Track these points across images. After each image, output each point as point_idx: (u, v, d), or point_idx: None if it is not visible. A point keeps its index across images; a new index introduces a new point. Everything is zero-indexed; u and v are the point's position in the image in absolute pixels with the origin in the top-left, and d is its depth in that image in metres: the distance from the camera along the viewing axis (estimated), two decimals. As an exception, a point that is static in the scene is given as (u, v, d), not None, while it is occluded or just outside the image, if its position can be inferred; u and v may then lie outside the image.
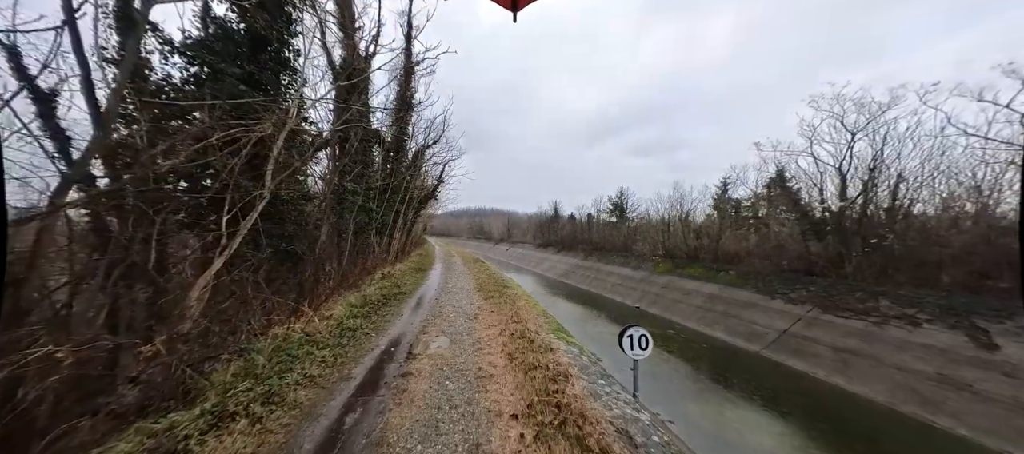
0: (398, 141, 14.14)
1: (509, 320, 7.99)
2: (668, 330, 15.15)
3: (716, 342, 13.37)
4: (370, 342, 6.51)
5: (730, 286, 16.45)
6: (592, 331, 14.54)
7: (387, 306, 9.47)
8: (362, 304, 8.78)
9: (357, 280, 10.49)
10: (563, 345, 6.75)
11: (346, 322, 7.18)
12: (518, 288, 15.06)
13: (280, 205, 6.55)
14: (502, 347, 6.29)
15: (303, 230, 7.11)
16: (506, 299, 10.82)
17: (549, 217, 55.34)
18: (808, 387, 9.29)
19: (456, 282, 14.57)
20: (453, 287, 13.31)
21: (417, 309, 9.40)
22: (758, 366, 10.94)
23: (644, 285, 21.85)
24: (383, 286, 11.50)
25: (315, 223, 7.67)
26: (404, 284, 12.82)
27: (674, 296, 18.77)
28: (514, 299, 10.99)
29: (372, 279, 11.93)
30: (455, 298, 11.14)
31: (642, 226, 30.16)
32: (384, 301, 9.83)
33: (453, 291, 12.45)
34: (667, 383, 9.63)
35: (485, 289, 12.84)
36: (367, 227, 12.11)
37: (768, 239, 16.01)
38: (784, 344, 11.48)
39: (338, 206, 9.23)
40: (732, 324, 13.96)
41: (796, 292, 13.02)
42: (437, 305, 9.88)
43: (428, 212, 38.36)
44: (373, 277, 12.38)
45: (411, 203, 16.80)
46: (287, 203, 6.71)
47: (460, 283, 14.42)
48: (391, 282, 12.37)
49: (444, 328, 7.52)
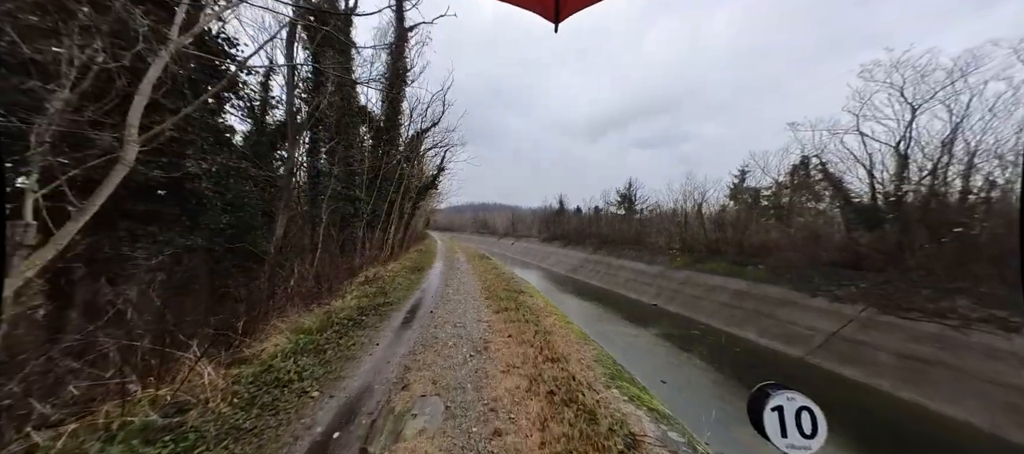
0: (391, 122, 12.63)
1: (538, 355, 5.42)
2: (692, 330, 13.68)
3: (749, 344, 11.87)
4: (302, 414, 3.71)
5: (759, 282, 14.89)
6: (609, 332, 13.11)
7: (360, 328, 6.65)
8: (321, 326, 6.23)
9: (335, 285, 8.56)
10: (645, 417, 3.93)
11: (278, 366, 4.54)
12: (537, 294, 12.25)
13: (185, 180, 4.74)
14: (536, 423, 3.55)
15: (249, 221, 5.54)
16: (525, 313, 8.16)
17: (555, 211, 53.99)
18: (875, 403, 7.77)
19: (459, 284, 12.24)
20: (455, 293, 10.81)
21: (402, 332, 6.71)
22: (805, 375, 9.43)
23: (661, 281, 20.34)
24: (364, 294, 9.09)
25: (267, 212, 6.13)
26: (393, 290, 10.27)
27: (695, 293, 17.24)
28: (537, 313, 8.39)
29: (353, 284, 9.73)
30: (457, 311, 8.43)
31: (655, 218, 28.55)
32: (360, 318, 7.21)
33: (454, 299, 9.87)
34: (705, 395, 8.18)
35: (495, 295, 10.26)
36: (353, 220, 10.61)
37: (803, 229, 14.38)
38: (833, 349, 9.94)
39: (310, 192, 7.69)
40: (766, 325, 12.44)
41: (843, 289, 11.44)
42: (431, 325, 7.23)
43: (429, 205, 37.08)
44: (357, 280, 10.33)
45: (408, 193, 15.35)
46: (195, 178, 4.85)
47: (463, 286, 12.02)
48: (377, 287, 10.06)
49: (437, 374, 4.77)
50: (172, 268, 4.33)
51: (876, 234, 11.06)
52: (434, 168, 19.24)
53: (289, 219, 6.31)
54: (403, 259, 15.95)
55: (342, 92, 8.93)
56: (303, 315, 6.53)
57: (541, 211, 61.57)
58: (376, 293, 9.48)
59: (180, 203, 4.61)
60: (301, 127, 7.01)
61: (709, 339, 12.57)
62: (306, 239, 7.21)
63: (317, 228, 7.99)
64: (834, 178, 13.67)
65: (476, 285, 12.35)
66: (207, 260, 4.85)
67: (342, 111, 8.91)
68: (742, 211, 19.05)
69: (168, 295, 4.12)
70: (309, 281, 6.83)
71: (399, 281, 11.73)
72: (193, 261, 4.67)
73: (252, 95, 7.38)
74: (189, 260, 4.60)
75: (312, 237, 7.74)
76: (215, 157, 5.09)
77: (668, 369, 9.73)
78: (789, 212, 19.24)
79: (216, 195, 5.08)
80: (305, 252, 6.98)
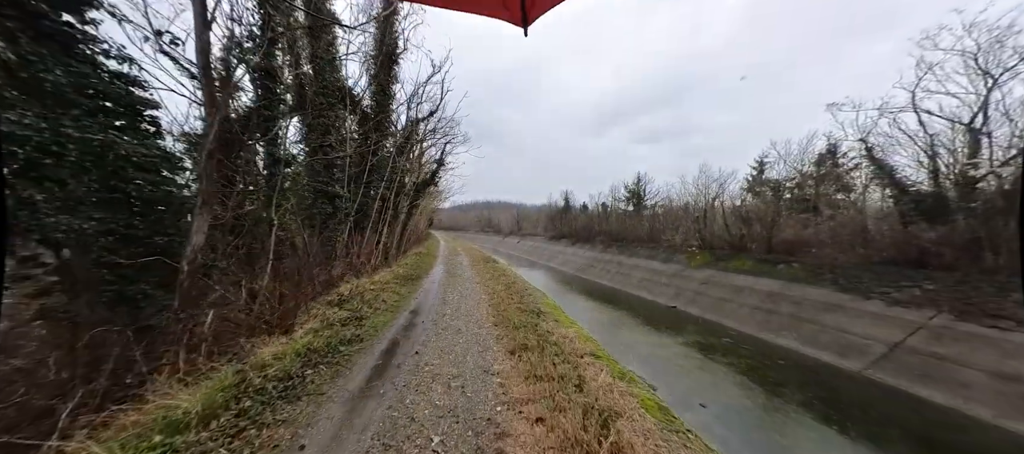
0: (381, 107, 11.18)
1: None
2: (722, 338, 12.18)
3: (791, 354, 10.36)
4: None
5: (794, 282, 13.35)
6: (629, 341, 11.65)
7: (288, 402, 4.19)
8: (213, 408, 3.71)
9: (293, 309, 6.18)
10: None
11: None
12: (563, 317, 9.11)
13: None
14: None
15: (162, 222, 3.99)
16: (555, 356, 5.56)
17: (560, 208, 52.54)
18: (984, 438, 6.24)
19: (459, 302, 9.48)
20: (453, 315, 8.23)
21: (359, 405, 4.25)
22: (868, 395, 7.92)
23: (678, 281, 18.83)
24: (328, 322, 6.54)
25: (179, 208, 4.53)
26: (373, 313, 7.69)
27: (720, 294, 15.72)
28: (572, 357, 5.66)
29: (321, 304, 7.23)
30: (453, 352, 5.98)
31: (670, 213, 26.99)
32: (300, 374, 4.75)
33: (452, 327, 7.34)
34: (755, 422, 6.71)
35: (506, 319, 7.66)
36: (332, 220, 9.00)
37: (848, 223, 12.79)
38: (900, 363, 8.41)
39: (267, 185, 6.11)
40: (809, 332, 10.91)
41: (903, 291, 9.88)
42: (411, 386, 4.76)
43: (431, 204, 35.83)
44: (328, 298, 7.89)
45: (402, 190, 13.95)
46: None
47: (465, 303, 9.34)
48: (351, 309, 7.47)
49: None
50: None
51: (944, 227, 9.50)
52: (433, 162, 17.80)
53: (238, 221, 4.91)
54: (398, 265, 13.85)
55: (315, 65, 7.56)
56: (195, 383, 3.96)
57: (546, 208, 60.17)
58: (346, 321, 6.82)
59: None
60: (228, 80, 5.32)
61: (743, 348, 11.08)
62: (262, 249, 5.61)
63: (270, 234, 6.02)
64: (884, 164, 12.07)
65: (481, 302, 9.68)
66: (70, 283, 3.36)
67: (321, 88, 7.52)
68: (769, 204, 17.45)
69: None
70: (255, 307, 5.15)
71: (385, 297, 9.09)
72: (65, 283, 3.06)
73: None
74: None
75: (266, 246, 6.13)
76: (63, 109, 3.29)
77: (705, 388, 8.28)
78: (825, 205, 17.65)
79: (75, 178, 3.48)
80: (257, 265, 5.40)
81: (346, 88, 8.79)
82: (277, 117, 6.00)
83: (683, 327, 13.80)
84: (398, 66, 11.17)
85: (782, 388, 8.23)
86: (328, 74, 7.90)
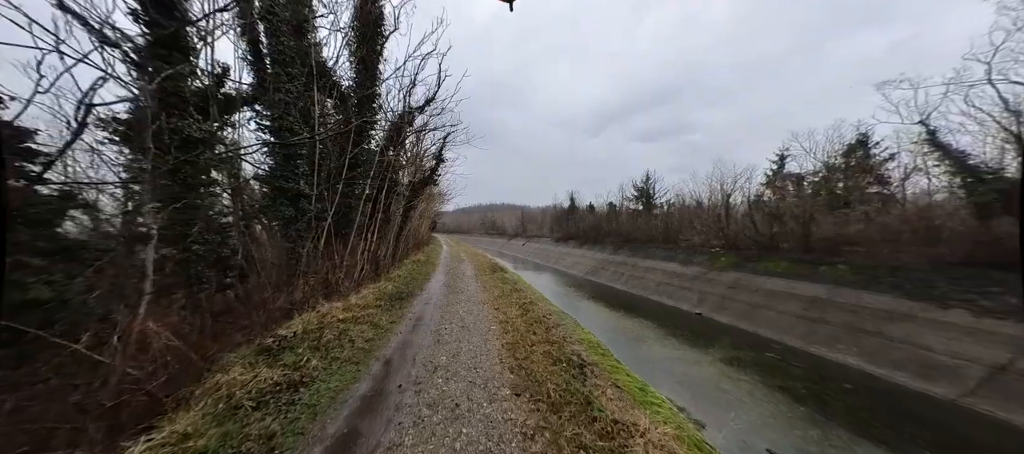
0: (365, 91, 9.54)
1: None
2: (764, 352, 10.50)
3: (857, 375, 8.66)
4: None
5: (843, 285, 11.65)
6: (655, 357, 9.98)
7: None
8: None
9: (176, 378, 3.67)
10: None
11: None
12: (639, 386, 5.31)
13: None
14: None
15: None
16: None
17: (565, 209, 51.04)
18: None
19: (460, 341, 6.10)
20: (448, 375, 4.79)
21: None
22: (984, 435, 6.24)
23: (702, 284, 17.14)
24: (223, 416, 3.40)
25: None
26: (317, 379, 4.46)
27: (752, 299, 14.03)
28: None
29: (236, 364, 4.32)
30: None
31: (685, 212, 25.29)
32: None
33: (446, 404, 4.01)
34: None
35: (533, 378, 4.61)
36: (295, 224, 7.17)
37: (916, 218, 11.05)
38: (1012, 392, 6.72)
39: (165, 178, 4.15)
40: (873, 347, 9.21)
41: (992, 298, 8.19)
42: None
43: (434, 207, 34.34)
44: (269, 337, 5.25)
45: (394, 189, 12.32)
46: None
47: (468, 344, 6.00)
48: (284, 368, 4.48)
49: None
50: None
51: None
52: (432, 158, 16.21)
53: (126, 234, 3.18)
54: (388, 278, 11.71)
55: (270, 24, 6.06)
56: None
57: (551, 209, 58.74)
58: (273, 391, 3.97)
59: None
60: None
61: (794, 366, 9.40)
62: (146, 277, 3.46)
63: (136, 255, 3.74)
64: (951, 149, 10.36)
65: (490, 339, 6.29)
66: None
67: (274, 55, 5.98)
68: (806, 199, 15.75)
69: None
70: (93, 383, 2.85)
71: (354, 334, 5.96)
72: None
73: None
74: None
75: (168, 269, 4.01)
76: None
77: (766, 423, 6.62)
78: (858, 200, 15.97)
79: None
80: (131, 302, 3.31)
81: (314, 57, 7.19)
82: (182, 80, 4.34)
83: (715, 338, 12.13)
84: (385, 41, 9.60)
85: (870, 423, 6.55)
86: (287, 38, 6.38)
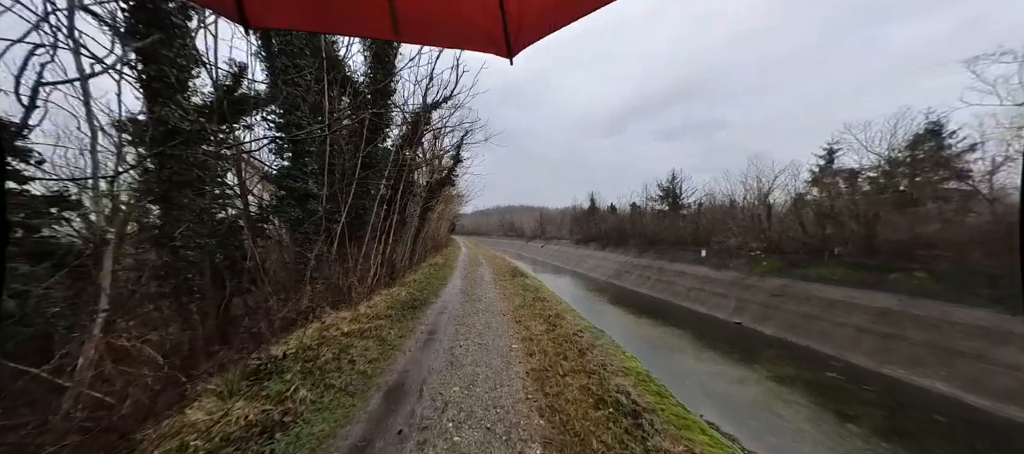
0: (380, 86, 8.83)
1: None
2: (823, 371, 9.18)
3: (953, 406, 7.29)
4: None
5: (920, 296, 10.16)
6: (691, 371, 8.80)
7: None
8: None
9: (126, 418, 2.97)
10: None
11: None
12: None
13: None
14: None
15: None
16: None
17: (586, 210, 49.66)
18: None
19: (476, 364, 5.23)
20: (462, 416, 3.85)
21: None
22: None
23: (740, 291, 15.72)
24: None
25: None
26: (302, 419, 3.68)
27: (802, 309, 12.60)
28: None
29: (207, 395, 3.72)
30: None
31: (717, 212, 23.71)
32: None
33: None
34: None
35: (569, 428, 3.59)
36: (301, 227, 6.57)
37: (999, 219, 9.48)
38: None
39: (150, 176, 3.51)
40: (973, 373, 7.78)
41: None
42: None
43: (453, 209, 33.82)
44: (259, 355, 4.71)
45: (410, 190, 11.61)
46: None
47: (487, 368, 5.11)
48: (265, 405, 3.71)
49: None
50: None
51: None
52: (450, 159, 15.50)
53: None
54: (403, 282, 11.20)
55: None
56: None
57: (570, 211, 57.45)
58: (248, 436, 3.29)
59: None
60: None
61: (865, 389, 8.08)
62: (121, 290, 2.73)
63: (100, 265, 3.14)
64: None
65: (513, 364, 5.24)
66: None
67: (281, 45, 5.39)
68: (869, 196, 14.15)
69: None
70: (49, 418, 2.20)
71: (355, 353, 5.32)
72: None
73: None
74: None
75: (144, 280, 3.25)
76: None
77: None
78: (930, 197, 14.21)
79: None
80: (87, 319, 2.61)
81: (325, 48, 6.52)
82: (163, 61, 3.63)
83: (759, 351, 10.83)
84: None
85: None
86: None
